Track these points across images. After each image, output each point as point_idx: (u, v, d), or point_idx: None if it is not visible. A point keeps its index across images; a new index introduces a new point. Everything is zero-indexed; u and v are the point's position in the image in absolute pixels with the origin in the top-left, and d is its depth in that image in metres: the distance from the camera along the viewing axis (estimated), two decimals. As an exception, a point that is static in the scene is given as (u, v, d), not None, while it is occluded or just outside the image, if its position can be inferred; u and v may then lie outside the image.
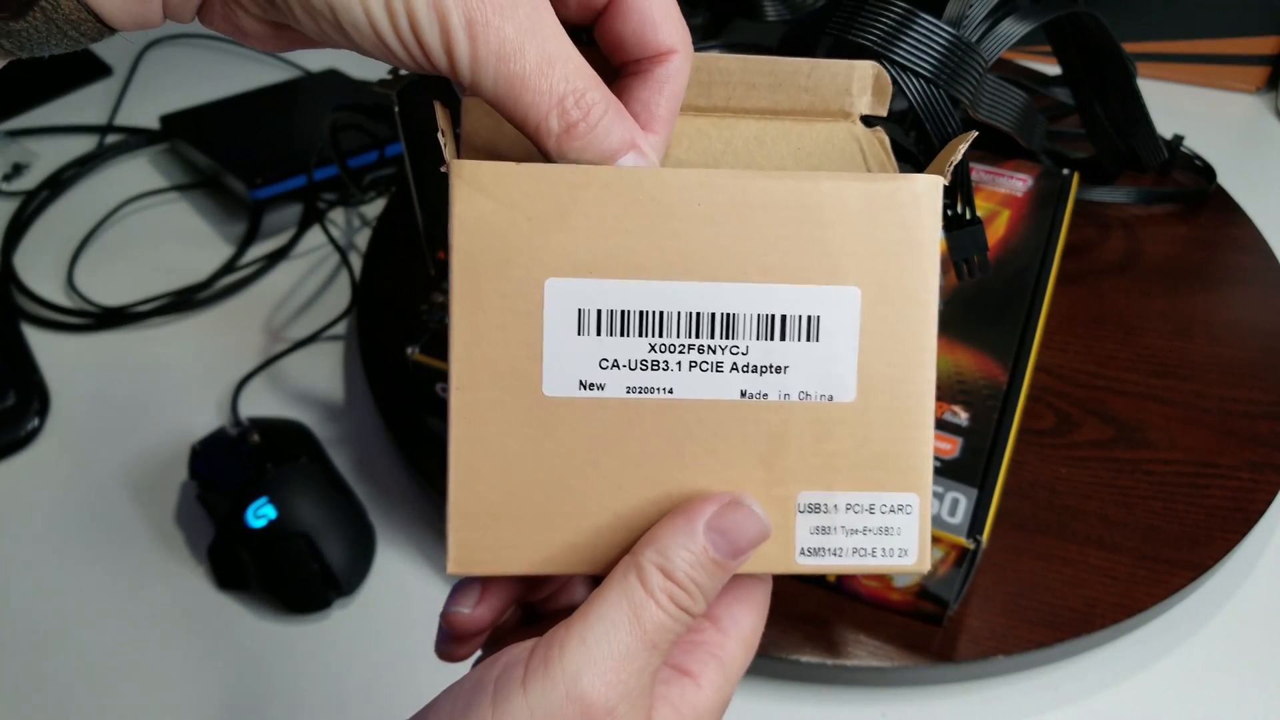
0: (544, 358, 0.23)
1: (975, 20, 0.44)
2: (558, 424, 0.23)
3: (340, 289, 0.64)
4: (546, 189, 0.23)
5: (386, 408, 0.53)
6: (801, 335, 0.24)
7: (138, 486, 0.53)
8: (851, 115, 0.26)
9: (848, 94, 0.25)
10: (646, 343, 0.23)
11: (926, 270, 0.24)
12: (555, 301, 0.23)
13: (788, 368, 0.24)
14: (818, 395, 0.24)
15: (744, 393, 0.24)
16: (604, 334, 0.23)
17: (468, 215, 0.23)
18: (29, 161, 0.74)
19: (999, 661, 0.43)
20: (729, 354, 0.23)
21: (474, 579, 0.26)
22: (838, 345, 0.24)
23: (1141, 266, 0.61)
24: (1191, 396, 0.53)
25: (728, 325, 0.23)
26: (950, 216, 0.42)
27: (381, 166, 0.70)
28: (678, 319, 0.23)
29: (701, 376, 0.23)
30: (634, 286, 0.23)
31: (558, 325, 0.23)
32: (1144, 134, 0.61)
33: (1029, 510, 0.48)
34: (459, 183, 0.23)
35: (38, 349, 0.60)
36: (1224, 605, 0.47)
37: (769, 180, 0.23)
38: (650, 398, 0.23)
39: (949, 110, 0.41)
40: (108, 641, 0.47)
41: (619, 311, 0.23)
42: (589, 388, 0.23)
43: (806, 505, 0.24)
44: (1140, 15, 0.79)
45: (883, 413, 0.24)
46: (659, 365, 0.23)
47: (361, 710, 0.44)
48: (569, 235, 0.23)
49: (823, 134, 0.25)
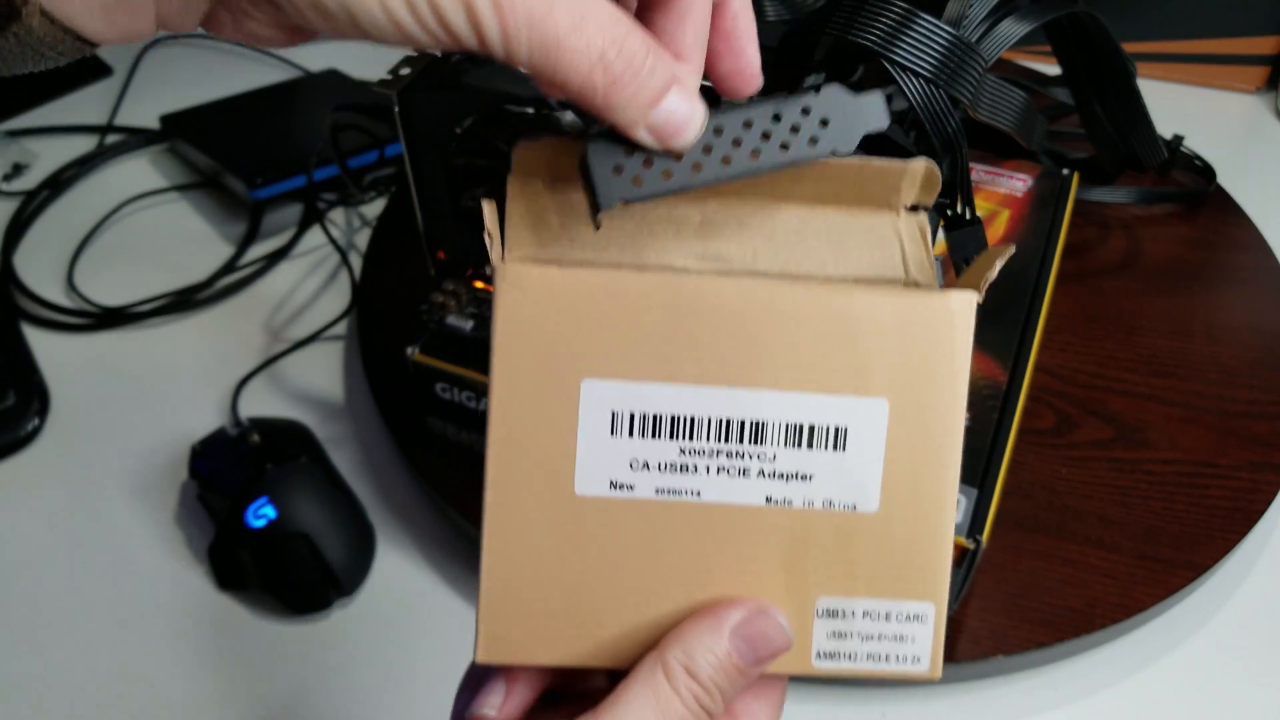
0: (577, 457, 0.24)
1: (975, 20, 0.44)
2: (588, 521, 0.24)
3: (340, 289, 0.64)
4: (587, 294, 0.23)
5: (386, 408, 0.53)
6: (828, 445, 0.24)
7: (138, 486, 0.53)
8: (896, 208, 0.26)
9: (896, 191, 0.25)
10: (677, 446, 0.24)
11: (956, 385, 0.24)
12: (590, 403, 0.24)
13: (813, 476, 0.24)
14: (841, 504, 0.24)
15: (769, 498, 0.24)
16: (636, 436, 0.24)
17: (511, 316, 0.23)
18: (29, 161, 0.74)
19: (999, 661, 0.43)
20: (756, 460, 0.24)
21: (498, 676, 0.27)
22: (864, 456, 0.24)
23: (1141, 266, 0.61)
24: (1191, 396, 0.53)
25: (757, 432, 0.24)
26: (950, 216, 0.42)
27: (381, 166, 0.70)
28: (708, 424, 0.24)
29: (729, 481, 0.24)
30: (667, 391, 0.24)
31: (592, 426, 0.24)
32: (1144, 134, 0.61)
33: (1029, 510, 0.48)
34: (504, 285, 0.23)
35: (38, 349, 0.60)
36: (1224, 605, 0.47)
37: (803, 291, 0.23)
38: (678, 499, 0.24)
39: (949, 110, 0.41)
40: (108, 641, 0.47)
41: (651, 415, 0.24)
42: (619, 488, 0.24)
43: (825, 610, 0.25)
44: (1140, 15, 0.79)
45: (905, 524, 0.24)
46: (688, 468, 0.24)
47: (361, 710, 0.44)
48: (607, 339, 0.23)
49: (865, 226, 0.25)
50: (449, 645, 0.46)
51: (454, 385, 0.48)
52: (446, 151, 0.45)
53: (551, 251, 0.24)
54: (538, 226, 0.24)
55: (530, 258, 0.24)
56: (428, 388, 0.49)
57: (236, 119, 0.74)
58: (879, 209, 0.25)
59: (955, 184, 0.42)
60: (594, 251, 0.24)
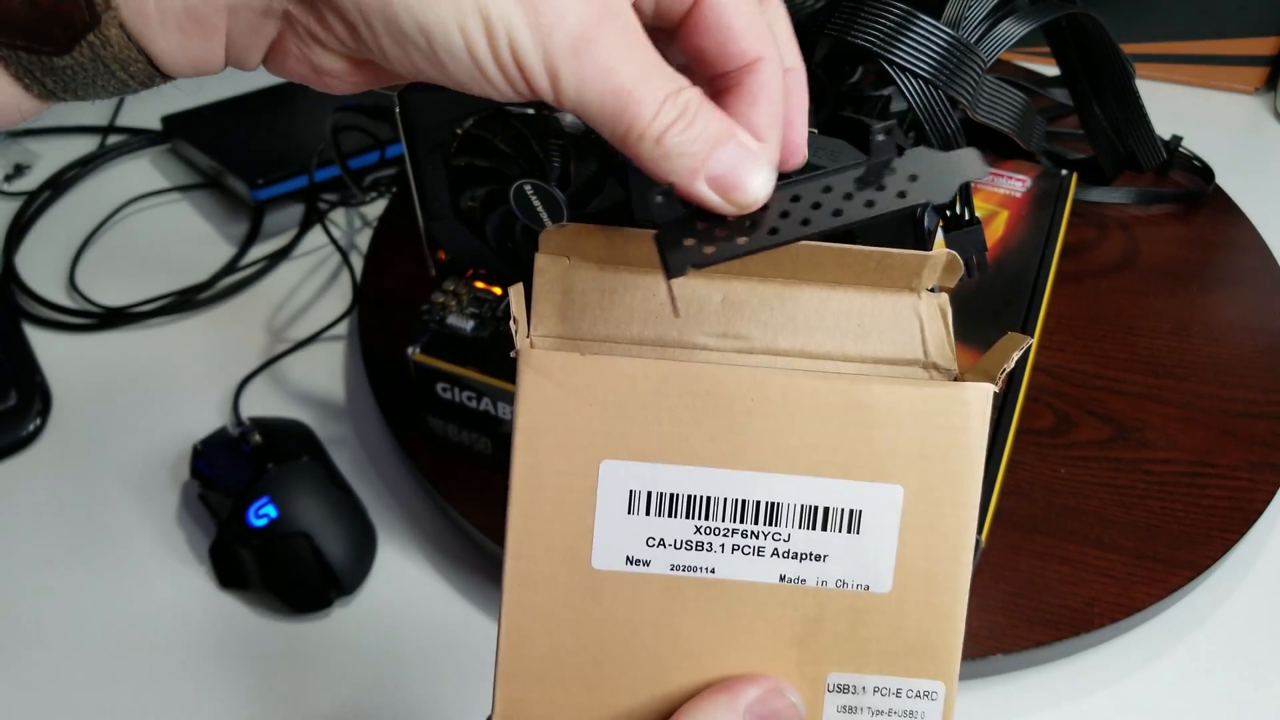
0: (595, 534, 0.24)
1: (974, 21, 0.44)
2: (604, 596, 0.25)
3: (341, 289, 0.64)
4: (608, 378, 0.24)
5: (387, 407, 0.53)
6: (843, 527, 0.25)
7: (139, 486, 0.53)
8: (918, 290, 0.26)
9: (917, 276, 0.26)
10: (692, 524, 0.24)
11: (971, 473, 0.24)
12: (609, 482, 0.24)
13: (827, 556, 0.25)
14: (855, 584, 0.25)
15: (783, 577, 0.25)
16: (653, 514, 0.24)
17: (533, 398, 0.24)
18: (30, 162, 0.74)
19: (997, 660, 0.43)
20: (771, 540, 0.25)
21: None
22: (878, 539, 0.25)
23: (1140, 267, 0.61)
24: (1189, 396, 0.53)
25: (772, 513, 0.24)
26: (949, 217, 0.43)
27: (383, 167, 0.70)
28: (724, 504, 0.24)
29: (743, 559, 0.25)
30: (684, 472, 0.24)
31: (610, 504, 0.24)
32: (1142, 135, 0.61)
33: (1027, 509, 0.48)
34: (526, 369, 0.24)
35: (39, 349, 0.60)
36: (1222, 604, 0.47)
37: (821, 381, 0.24)
38: (693, 576, 0.25)
39: (948, 111, 0.41)
40: (108, 641, 0.47)
41: (668, 494, 0.24)
42: (636, 563, 0.25)
43: (836, 685, 0.25)
44: (1139, 16, 0.79)
45: (917, 605, 0.25)
46: (703, 546, 0.25)
47: (361, 710, 0.44)
48: (626, 421, 0.24)
49: (885, 308, 0.26)
50: (449, 645, 0.46)
51: (454, 385, 0.48)
52: (447, 152, 0.45)
53: (575, 328, 0.25)
54: (563, 304, 0.25)
55: (554, 334, 0.25)
56: (428, 388, 0.49)
57: (238, 119, 0.74)
58: (899, 290, 0.26)
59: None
60: (617, 328, 0.25)
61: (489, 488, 0.49)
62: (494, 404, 0.47)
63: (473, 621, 0.47)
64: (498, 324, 0.48)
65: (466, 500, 0.49)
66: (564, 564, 0.24)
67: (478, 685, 0.44)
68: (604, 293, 0.25)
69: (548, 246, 0.25)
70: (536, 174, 0.43)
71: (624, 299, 0.25)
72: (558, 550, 0.24)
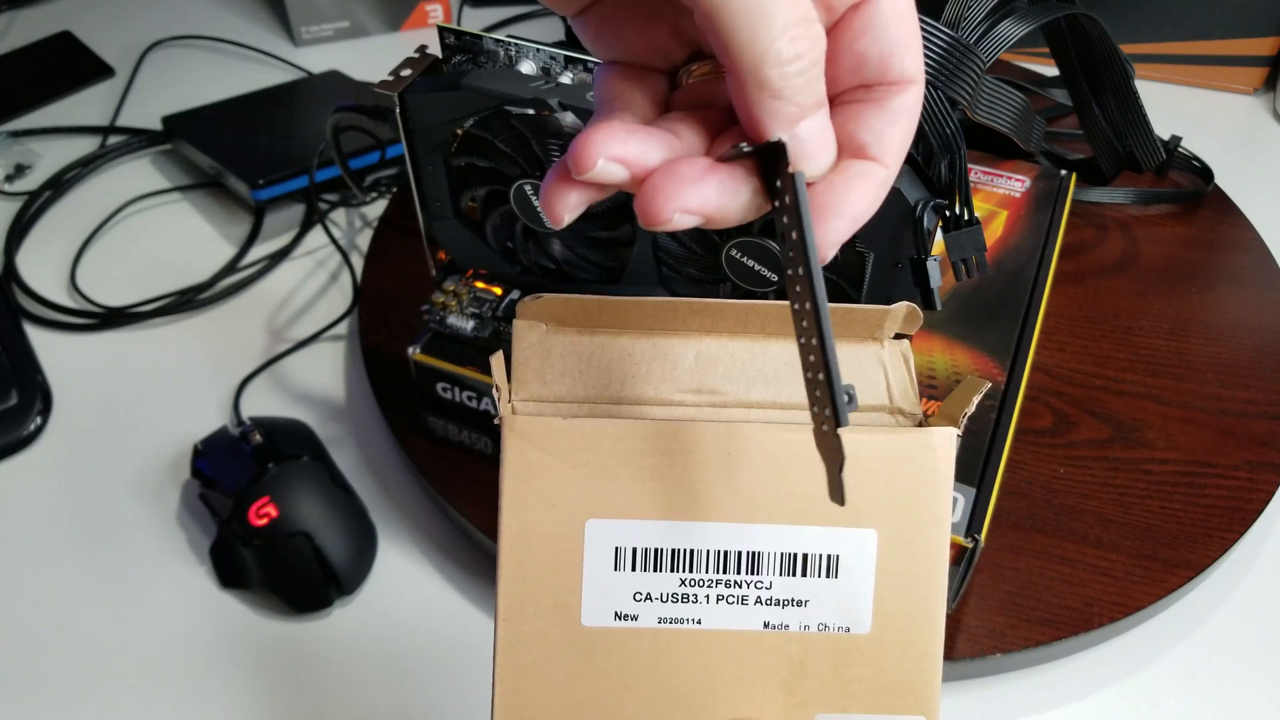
0: (583, 591, 0.25)
1: (973, 22, 0.44)
2: (594, 652, 0.25)
3: (342, 289, 0.65)
4: (590, 440, 0.25)
5: (388, 407, 0.54)
6: (821, 572, 0.25)
7: (140, 486, 0.53)
8: (880, 340, 0.27)
9: (880, 327, 0.27)
10: (678, 577, 0.25)
11: (940, 514, 0.25)
12: (595, 540, 0.25)
13: (808, 601, 0.25)
14: (836, 627, 0.25)
15: (767, 624, 0.25)
16: (639, 569, 0.25)
17: (518, 464, 0.25)
18: (31, 162, 0.75)
19: (997, 660, 0.43)
20: (754, 588, 0.25)
21: None
22: (856, 582, 0.25)
23: (1139, 267, 0.61)
24: (1189, 396, 0.53)
25: (753, 563, 0.25)
26: (949, 217, 0.43)
27: (383, 167, 0.70)
28: (707, 556, 0.25)
29: (728, 609, 0.25)
30: (667, 527, 0.25)
31: (597, 562, 0.25)
32: (1142, 135, 0.62)
33: (1027, 509, 0.48)
34: (511, 435, 0.24)
35: (40, 349, 0.61)
36: (1221, 604, 0.47)
37: (793, 433, 0.25)
38: (680, 628, 0.25)
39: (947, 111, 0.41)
40: (108, 641, 0.47)
41: (653, 549, 0.25)
42: (624, 618, 0.25)
43: None
44: (1138, 16, 0.80)
45: (896, 644, 0.26)
46: (689, 598, 0.25)
47: (361, 710, 0.44)
48: (609, 481, 0.25)
49: (850, 358, 0.27)
50: (449, 645, 0.46)
51: (455, 385, 0.48)
52: (447, 152, 0.45)
53: (555, 391, 0.26)
54: (542, 368, 0.26)
55: (535, 397, 0.26)
56: (429, 387, 0.49)
57: (238, 120, 0.74)
58: (863, 340, 0.27)
59: (954, 185, 0.42)
60: (595, 389, 0.26)
61: (489, 488, 0.49)
62: (494, 404, 0.47)
63: (472, 621, 0.47)
64: (498, 324, 0.48)
65: (466, 500, 0.49)
66: (554, 623, 0.25)
67: (477, 685, 0.44)
68: (580, 355, 0.26)
69: (525, 314, 0.26)
70: (536, 174, 0.43)
71: (600, 360, 0.26)
72: (548, 610, 0.25)
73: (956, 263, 0.44)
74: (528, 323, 0.26)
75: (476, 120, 0.43)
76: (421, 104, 0.43)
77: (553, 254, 0.47)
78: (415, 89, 0.43)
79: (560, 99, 0.40)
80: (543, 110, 0.42)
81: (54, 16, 0.92)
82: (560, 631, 0.25)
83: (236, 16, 0.92)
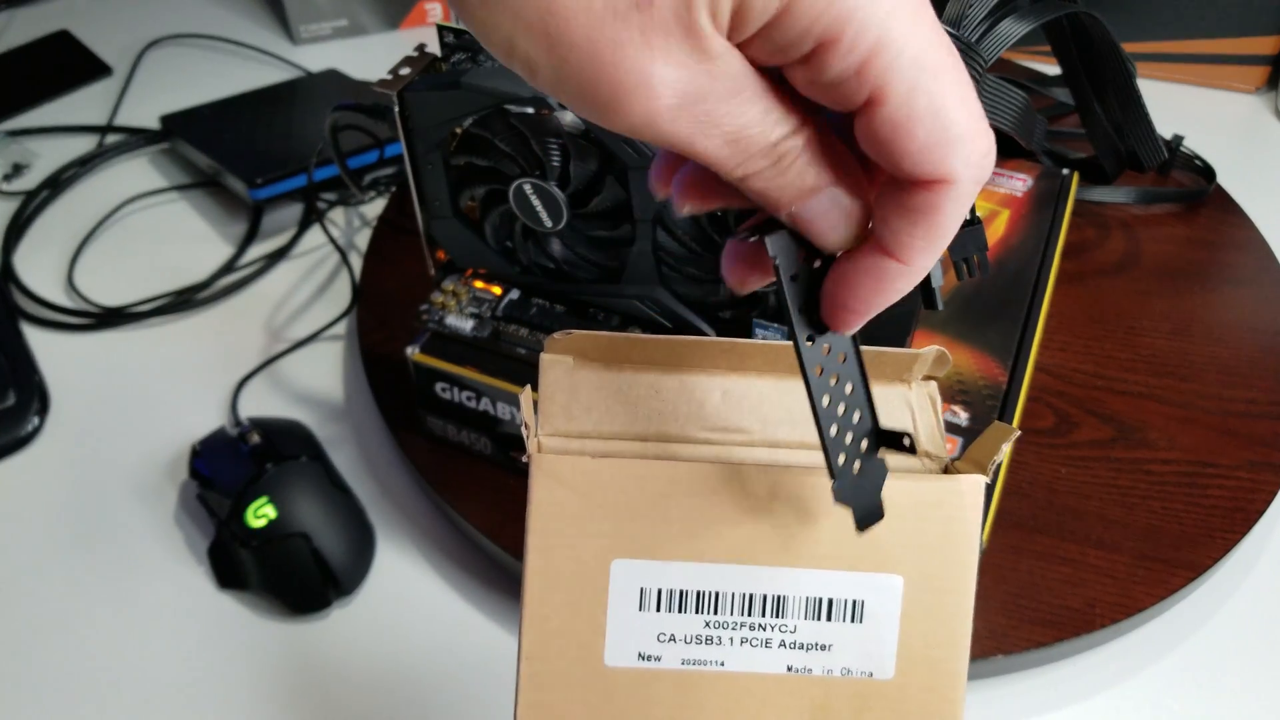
0: (607, 631, 0.25)
1: (975, 20, 0.44)
2: (617, 692, 0.25)
3: (340, 289, 0.64)
4: (618, 481, 0.24)
5: (386, 407, 0.53)
6: (846, 617, 0.25)
7: (138, 486, 0.53)
8: (908, 382, 0.27)
9: (909, 370, 0.26)
10: (702, 619, 0.25)
11: (967, 560, 0.25)
12: (620, 581, 0.25)
13: (832, 646, 0.25)
14: (859, 672, 0.25)
15: (790, 667, 0.25)
16: (663, 610, 0.25)
17: (545, 502, 0.24)
18: (29, 161, 0.74)
19: (998, 661, 0.43)
20: (778, 632, 0.25)
21: None
22: (880, 627, 0.25)
23: (1141, 266, 0.61)
24: (1191, 396, 0.53)
25: (778, 606, 0.25)
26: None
27: (381, 166, 0.70)
28: (731, 599, 0.25)
29: (751, 651, 0.25)
30: (693, 569, 0.25)
31: (621, 602, 0.25)
32: (1144, 134, 0.61)
33: (1028, 510, 0.48)
34: (539, 473, 0.24)
35: (38, 349, 0.60)
36: (1223, 605, 0.47)
37: (822, 478, 0.24)
38: (704, 669, 0.25)
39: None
40: (108, 641, 0.47)
41: (678, 591, 0.25)
42: (647, 659, 0.25)
43: None
44: (1140, 15, 0.79)
45: (919, 690, 0.25)
46: (712, 640, 0.25)
47: (360, 711, 0.44)
48: (636, 522, 0.25)
49: (878, 400, 0.27)
50: (448, 645, 0.46)
51: (454, 385, 0.48)
52: (446, 151, 0.45)
53: (580, 426, 0.26)
54: (568, 403, 0.26)
55: (560, 432, 0.26)
56: (428, 388, 0.49)
57: (236, 119, 0.74)
58: (891, 382, 0.27)
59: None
60: (622, 425, 0.26)
61: (488, 488, 0.49)
62: (493, 404, 0.47)
63: (471, 621, 0.47)
64: (497, 324, 0.48)
65: (465, 500, 0.49)
66: (578, 663, 0.25)
67: (477, 685, 0.44)
68: (607, 391, 0.26)
69: (553, 349, 0.26)
70: (536, 173, 0.43)
71: (627, 396, 0.26)
72: (571, 650, 0.25)
73: (958, 262, 0.44)
74: (555, 357, 0.26)
75: (476, 119, 0.43)
76: (420, 103, 0.43)
77: (552, 253, 0.47)
78: (414, 88, 0.43)
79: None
80: (542, 109, 0.41)
81: (52, 15, 0.92)
82: (582, 671, 0.25)
83: (235, 15, 0.92)
